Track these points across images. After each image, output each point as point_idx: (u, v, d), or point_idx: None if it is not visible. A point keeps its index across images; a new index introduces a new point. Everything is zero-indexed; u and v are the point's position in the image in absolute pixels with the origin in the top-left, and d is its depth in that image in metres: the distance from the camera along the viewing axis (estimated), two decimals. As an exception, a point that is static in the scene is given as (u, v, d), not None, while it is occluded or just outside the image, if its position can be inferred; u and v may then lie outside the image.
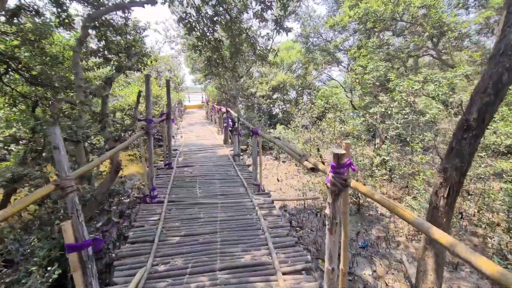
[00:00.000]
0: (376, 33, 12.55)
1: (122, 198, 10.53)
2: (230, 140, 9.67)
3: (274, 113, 24.09)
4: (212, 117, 15.11)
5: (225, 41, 6.65)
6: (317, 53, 20.31)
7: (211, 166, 6.71)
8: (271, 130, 14.02)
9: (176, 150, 8.68)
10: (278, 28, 5.34)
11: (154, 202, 4.53)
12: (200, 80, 25.68)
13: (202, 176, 5.87)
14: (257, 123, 15.10)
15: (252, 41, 6.03)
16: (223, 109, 10.72)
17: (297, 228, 6.68)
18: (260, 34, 6.30)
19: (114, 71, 6.13)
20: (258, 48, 6.45)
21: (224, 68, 6.24)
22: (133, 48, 6.71)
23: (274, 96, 23.29)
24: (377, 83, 8.82)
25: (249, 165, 6.79)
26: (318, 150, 11.95)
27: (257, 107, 21.73)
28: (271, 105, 23.26)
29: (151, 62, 7.57)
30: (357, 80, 9.85)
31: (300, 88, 24.21)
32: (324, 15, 18.05)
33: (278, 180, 10.54)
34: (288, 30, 5.48)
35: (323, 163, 12.26)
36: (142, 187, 8.66)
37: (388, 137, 8.33)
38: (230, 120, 9.54)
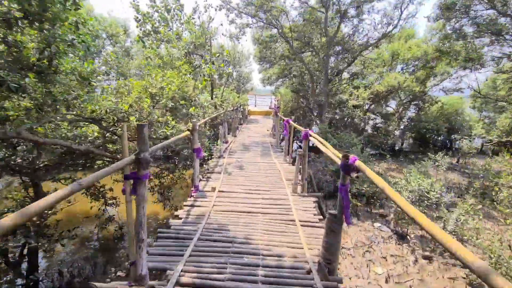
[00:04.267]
0: None
1: None
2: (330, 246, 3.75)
3: (361, 128, 16.72)
4: (281, 136, 9.35)
5: None
6: (460, 43, 12.38)
7: None
8: (396, 178, 7.46)
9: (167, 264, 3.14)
10: None
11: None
12: (272, 78, 20.25)
13: None
14: (358, 153, 8.64)
15: None
16: (306, 132, 4.86)
17: None
18: None
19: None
20: None
21: None
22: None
23: (372, 107, 16.07)
24: None
25: None
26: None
27: (347, 122, 14.99)
28: (365, 119, 16.11)
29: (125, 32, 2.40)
30: None
31: (408, 98, 16.29)
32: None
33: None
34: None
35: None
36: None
37: None
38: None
